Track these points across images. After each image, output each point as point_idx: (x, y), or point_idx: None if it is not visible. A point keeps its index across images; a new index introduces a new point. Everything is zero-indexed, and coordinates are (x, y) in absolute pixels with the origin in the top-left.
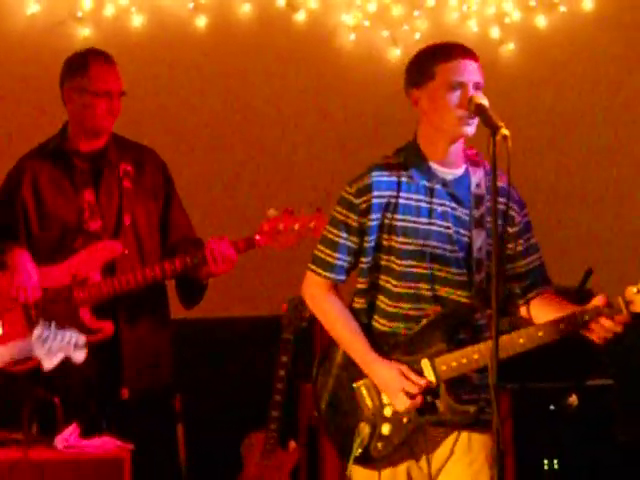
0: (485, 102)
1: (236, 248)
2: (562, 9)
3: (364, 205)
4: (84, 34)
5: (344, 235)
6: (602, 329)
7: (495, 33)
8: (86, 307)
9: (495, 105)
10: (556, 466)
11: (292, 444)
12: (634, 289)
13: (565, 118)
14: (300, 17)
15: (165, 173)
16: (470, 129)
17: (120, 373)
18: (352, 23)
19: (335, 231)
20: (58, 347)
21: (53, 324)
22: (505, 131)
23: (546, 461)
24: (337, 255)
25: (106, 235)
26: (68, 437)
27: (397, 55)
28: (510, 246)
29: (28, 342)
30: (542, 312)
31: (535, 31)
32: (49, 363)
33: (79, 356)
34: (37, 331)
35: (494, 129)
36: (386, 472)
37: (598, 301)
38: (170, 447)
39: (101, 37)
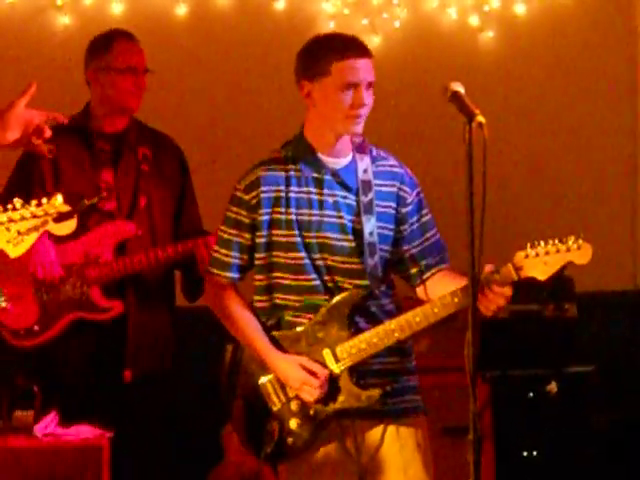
0: (461, 89)
1: None
2: None
3: (254, 201)
4: (64, 22)
5: (236, 233)
6: (493, 297)
7: (474, 21)
8: (97, 286)
9: (472, 93)
10: (535, 453)
11: None
12: (523, 254)
13: (543, 106)
14: (280, 5)
15: (182, 162)
16: (358, 128)
17: (123, 355)
18: (331, 11)
19: (228, 230)
20: None
21: None
22: (481, 118)
23: (525, 449)
24: (231, 253)
25: (120, 215)
26: (47, 425)
27: (376, 43)
28: (403, 227)
29: None
30: (437, 290)
31: (514, 19)
32: None
33: None
34: None
35: (470, 116)
36: (315, 463)
37: (488, 269)
38: (164, 432)
39: (81, 26)
